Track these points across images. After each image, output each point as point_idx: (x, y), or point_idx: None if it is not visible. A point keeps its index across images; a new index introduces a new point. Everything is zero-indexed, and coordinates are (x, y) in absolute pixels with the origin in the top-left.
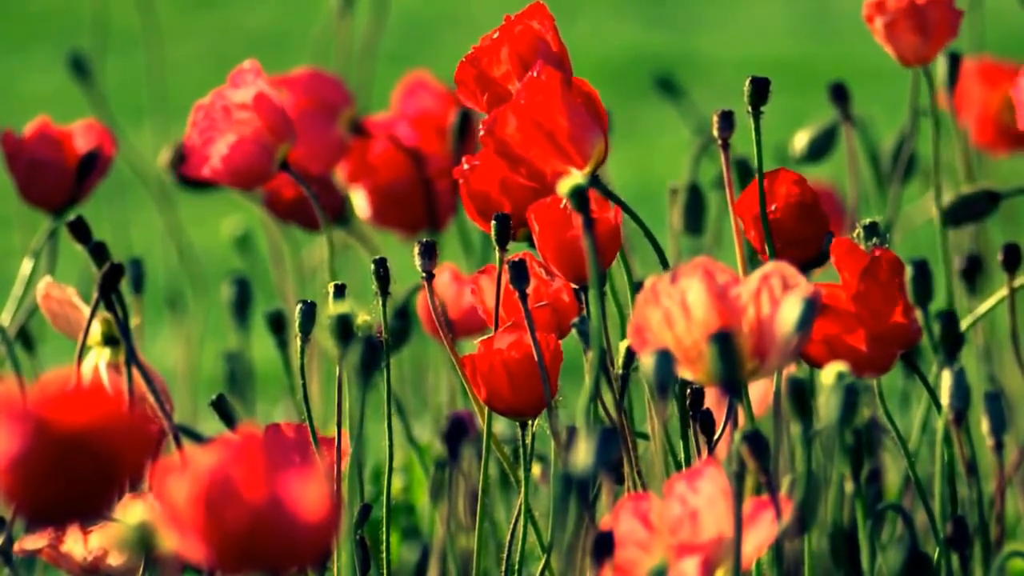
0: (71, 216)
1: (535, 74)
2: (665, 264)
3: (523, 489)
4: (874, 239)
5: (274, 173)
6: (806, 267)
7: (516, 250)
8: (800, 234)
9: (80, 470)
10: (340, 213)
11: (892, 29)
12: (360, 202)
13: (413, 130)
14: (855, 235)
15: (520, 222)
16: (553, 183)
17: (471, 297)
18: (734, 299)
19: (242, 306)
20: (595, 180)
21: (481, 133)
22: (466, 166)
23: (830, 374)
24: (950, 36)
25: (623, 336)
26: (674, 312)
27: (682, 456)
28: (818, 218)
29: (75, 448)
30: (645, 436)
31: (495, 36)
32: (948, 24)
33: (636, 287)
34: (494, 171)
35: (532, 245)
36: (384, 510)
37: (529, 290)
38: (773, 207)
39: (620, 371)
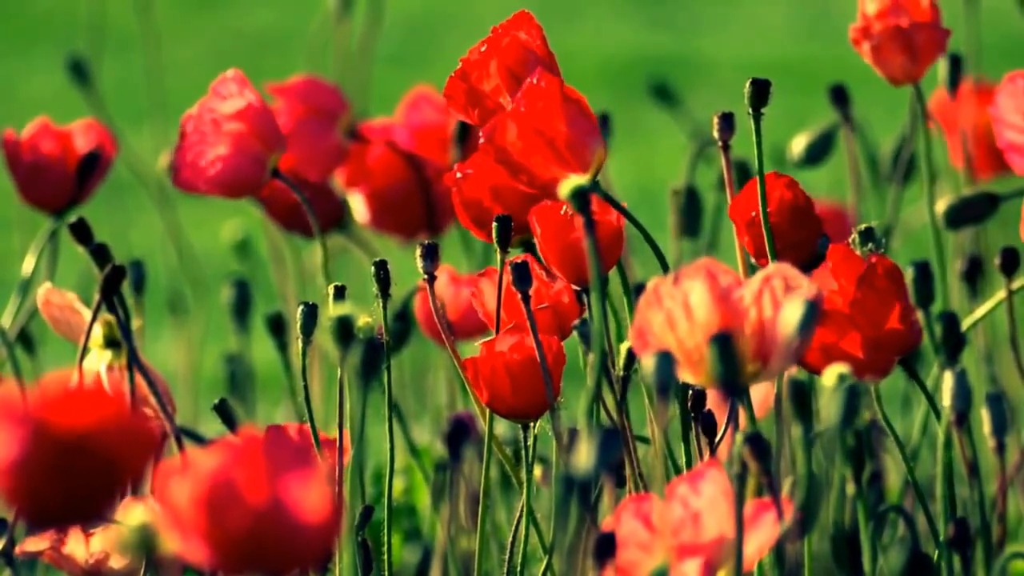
0: (71, 217)
1: (534, 81)
2: (665, 267)
3: (525, 491)
4: (870, 245)
5: (266, 181)
6: (801, 271)
7: (512, 255)
8: (793, 238)
9: (81, 473)
10: (338, 218)
11: (879, 52)
12: (358, 207)
13: (416, 142)
14: (851, 240)
15: (514, 229)
16: (554, 190)
17: (472, 301)
18: (737, 301)
19: (242, 308)
20: (595, 186)
21: (481, 141)
22: (459, 174)
23: (831, 376)
24: (937, 54)
25: (618, 338)
26: (676, 314)
27: (683, 459)
28: (811, 221)
29: (76, 451)
30: (645, 440)
31: (483, 49)
32: (935, 43)
33: (635, 289)
34: (486, 179)
35: (527, 251)
36: (385, 512)
37: (530, 292)
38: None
39: (621, 373)
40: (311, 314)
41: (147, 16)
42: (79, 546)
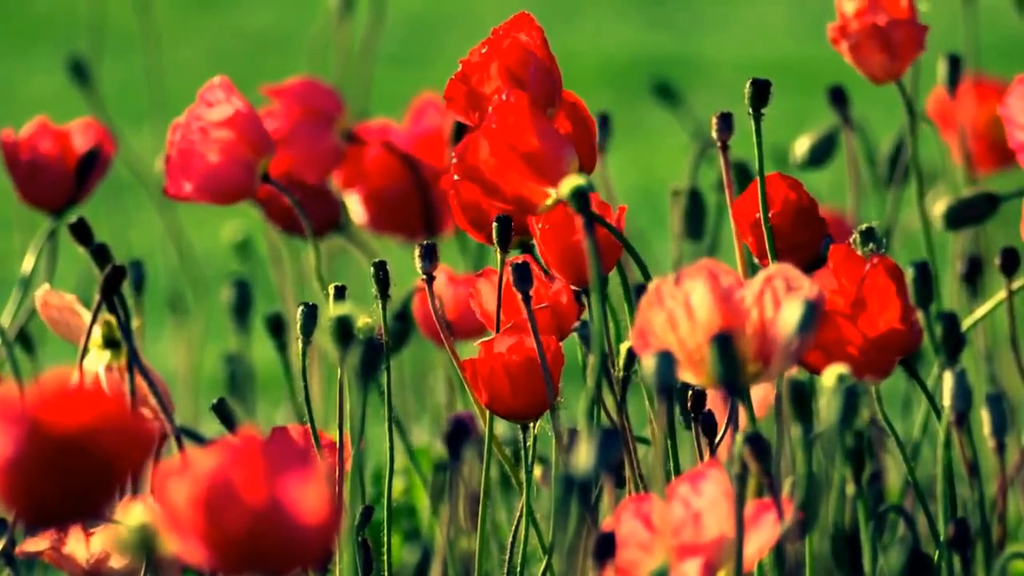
0: (71, 217)
1: (503, 97)
2: (647, 276)
3: (524, 491)
4: (871, 245)
5: (256, 187)
6: (804, 271)
7: (510, 256)
8: (797, 239)
9: (77, 471)
10: (335, 220)
11: (858, 51)
12: (356, 208)
13: (423, 149)
14: (852, 240)
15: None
16: (530, 205)
17: (470, 301)
18: (738, 301)
19: (242, 309)
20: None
21: (453, 161)
22: (456, 176)
23: (831, 376)
24: (917, 51)
25: (618, 339)
26: (678, 314)
27: (675, 459)
28: (815, 223)
29: (72, 449)
30: (645, 441)
31: (483, 51)
32: (913, 40)
33: (635, 290)
34: None
35: (525, 252)
36: (385, 512)
37: (530, 292)
38: (770, 212)
39: (621, 373)
40: (311, 314)
41: (147, 16)
42: (79, 546)
